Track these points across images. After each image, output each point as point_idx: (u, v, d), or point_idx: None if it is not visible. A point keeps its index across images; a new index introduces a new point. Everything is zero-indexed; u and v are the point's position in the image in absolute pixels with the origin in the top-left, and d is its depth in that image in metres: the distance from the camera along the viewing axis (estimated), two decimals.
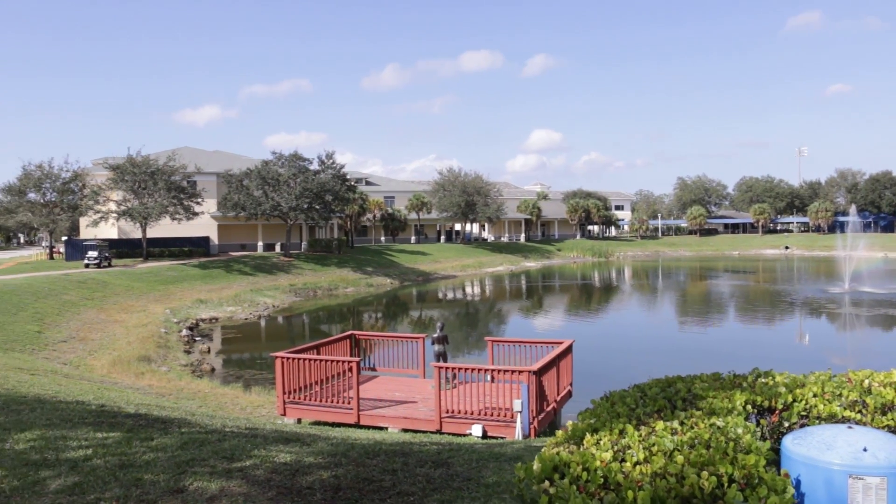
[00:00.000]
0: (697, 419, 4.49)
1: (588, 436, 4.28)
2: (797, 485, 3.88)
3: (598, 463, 3.71)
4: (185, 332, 31.95)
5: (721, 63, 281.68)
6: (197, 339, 31.22)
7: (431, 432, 13.39)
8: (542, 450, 4.26)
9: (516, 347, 16.74)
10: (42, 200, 57.15)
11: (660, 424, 4.32)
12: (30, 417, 9.32)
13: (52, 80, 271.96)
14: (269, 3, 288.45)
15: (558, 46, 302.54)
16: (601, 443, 4.14)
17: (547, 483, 3.59)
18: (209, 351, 28.42)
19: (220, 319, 37.88)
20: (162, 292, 42.86)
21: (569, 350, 16.21)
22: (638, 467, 3.68)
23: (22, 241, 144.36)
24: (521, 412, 12.86)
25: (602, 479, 3.58)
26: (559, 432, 4.74)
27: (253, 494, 5.93)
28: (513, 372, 13.54)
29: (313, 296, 51.24)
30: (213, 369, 24.34)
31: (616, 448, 3.99)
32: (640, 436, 4.19)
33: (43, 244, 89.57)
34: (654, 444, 3.95)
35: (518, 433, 12.85)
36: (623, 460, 3.81)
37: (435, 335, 15.81)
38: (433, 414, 13.61)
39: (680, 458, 3.68)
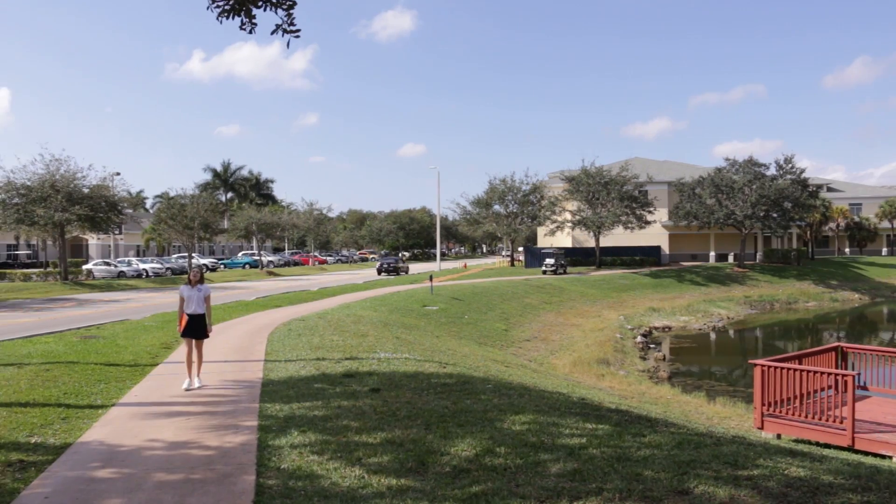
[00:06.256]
0: None
1: None
2: None
3: None
4: (639, 338, 32.12)
5: None
6: (651, 346, 31.12)
7: None
8: None
9: None
10: (504, 212, 62.87)
11: None
12: (520, 402, 9.76)
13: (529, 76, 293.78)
14: (718, 3, 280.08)
15: None
16: None
17: None
18: (664, 358, 28.05)
19: (672, 328, 37.38)
20: (615, 299, 43.90)
21: None
22: None
23: (484, 250, 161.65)
24: None
25: None
26: None
27: None
28: None
29: (769, 309, 48.13)
30: (669, 377, 23.85)
31: None
32: None
33: (503, 252, 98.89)
34: None
35: None
36: None
37: None
38: None
39: None
